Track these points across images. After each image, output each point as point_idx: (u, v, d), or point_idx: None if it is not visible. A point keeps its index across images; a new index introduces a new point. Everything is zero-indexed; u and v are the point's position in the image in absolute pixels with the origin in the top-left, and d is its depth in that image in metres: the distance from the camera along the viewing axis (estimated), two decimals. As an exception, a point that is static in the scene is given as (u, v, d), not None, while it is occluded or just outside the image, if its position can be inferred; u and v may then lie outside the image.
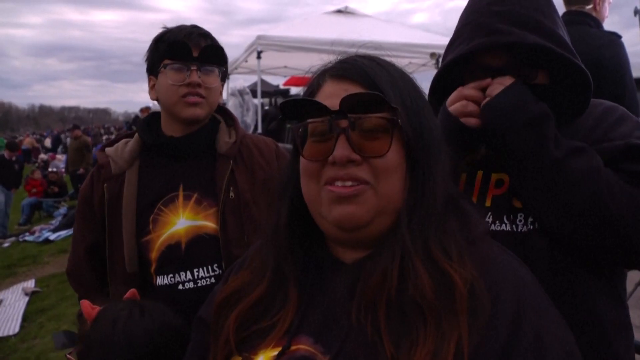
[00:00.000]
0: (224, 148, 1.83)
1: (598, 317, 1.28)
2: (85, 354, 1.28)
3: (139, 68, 1.99)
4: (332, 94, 0.98)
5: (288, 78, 15.85)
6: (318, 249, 1.07)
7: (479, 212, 1.08)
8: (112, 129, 42.13)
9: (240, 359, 1.00)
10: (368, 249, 0.99)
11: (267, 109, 11.98)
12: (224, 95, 11.37)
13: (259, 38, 9.04)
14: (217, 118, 1.91)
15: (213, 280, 1.72)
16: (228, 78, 11.73)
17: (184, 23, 1.83)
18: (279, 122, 11.17)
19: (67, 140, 18.27)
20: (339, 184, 0.95)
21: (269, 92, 14.80)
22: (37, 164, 22.07)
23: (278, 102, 11.68)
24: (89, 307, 1.32)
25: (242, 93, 10.73)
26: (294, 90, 13.73)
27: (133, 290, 1.44)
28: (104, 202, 1.77)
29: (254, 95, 11.01)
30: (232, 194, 1.76)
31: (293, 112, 1.02)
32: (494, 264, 0.96)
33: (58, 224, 11.91)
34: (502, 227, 1.33)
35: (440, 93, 1.45)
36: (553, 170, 1.22)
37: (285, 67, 12.63)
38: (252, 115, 10.72)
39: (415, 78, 1.07)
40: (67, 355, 1.43)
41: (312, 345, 0.95)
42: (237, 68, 11.33)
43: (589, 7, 3.48)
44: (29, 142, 34.65)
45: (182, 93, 1.73)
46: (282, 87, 17.60)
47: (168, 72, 1.74)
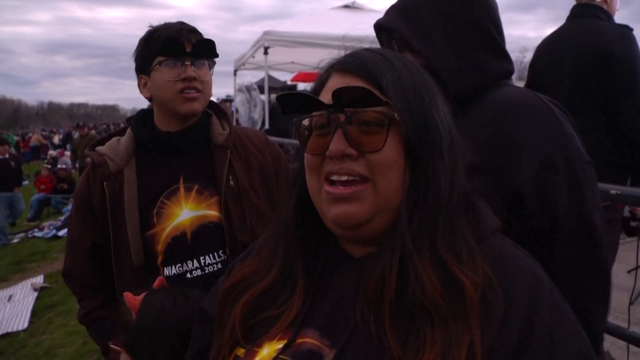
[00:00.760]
0: (220, 139, 1.88)
1: None
2: (134, 342, 1.37)
3: None
4: (333, 88, 0.97)
5: (296, 74, 15.82)
6: (328, 243, 1.06)
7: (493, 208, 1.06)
8: (121, 125, 42.68)
9: (244, 351, 0.99)
10: (376, 244, 0.98)
11: (274, 105, 11.97)
12: (231, 92, 11.36)
13: (266, 34, 9.01)
14: (208, 112, 1.95)
15: (220, 266, 1.80)
16: (235, 74, 11.81)
17: (192, 19, 1.89)
18: (285, 117, 11.14)
19: (76, 135, 18.27)
20: (335, 178, 0.94)
21: (276, 88, 14.75)
22: (46, 161, 22.17)
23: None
24: (132, 298, 1.40)
25: (249, 89, 10.71)
26: (302, 86, 13.70)
27: (161, 279, 1.54)
28: (105, 200, 1.79)
29: (262, 91, 11.00)
30: (232, 183, 1.83)
31: (293, 106, 1.01)
32: (506, 261, 0.94)
33: (65, 220, 11.95)
34: None
35: None
36: None
37: (293, 62, 12.60)
38: (259, 112, 10.70)
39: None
40: (110, 345, 1.52)
41: (318, 339, 0.94)
42: (244, 64, 11.31)
43: None
44: (37, 139, 34.87)
45: (179, 88, 1.76)
46: (289, 82, 17.59)
47: (163, 68, 1.76)
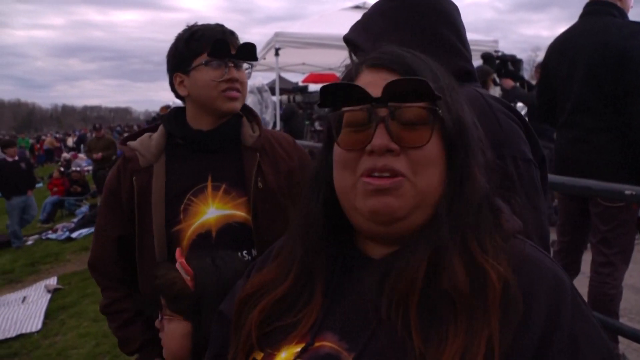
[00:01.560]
0: (250, 141, 1.90)
1: None
2: (196, 306, 1.50)
3: (159, 67, 2.03)
4: (370, 83, 0.95)
5: (307, 75, 15.84)
6: (346, 245, 1.04)
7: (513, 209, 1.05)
8: (135, 127, 43.74)
9: (262, 355, 0.98)
10: (397, 245, 0.96)
11: (284, 107, 12.01)
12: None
13: (277, 35, 9.04)
14: (239, 113, 1.96)
15: None
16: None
17: (205, 22, 1.88)
18: (297, 119, 11.15)
19: (92, 135, 18.41)
20: (377, 175, 0.91)
21: (287, 89, 14.78)
22: (59, 163, 22.36)
23: (297, 99, 11.64)
24: (186, 265, 1.56)
25: (260, 90, 10.74)
26: (313, 87, 13.72)
27: (179, 250, 1.65)
28: (133, 194, 1.82)
29: (273, 93, 11.01)
30: (260, 184, 1.83)
31: (331, 99, 0.98)
32: (529, 263, 0.92)
33: (78, 222, 12.05)
34: None
35: None
36: None
37: (304, 64, 12.62)
38: (270, 113, 10.73)
39: None
40: (158, 323, 1.61)
41: (336, 342, 0.92)
42: (255, 65, 11.33)
43: None
44: (50, 142, 35.26)
45: (222, 88, 1.81)
46: (300, 84, 17.61)
47: (207, 68, 1.80)
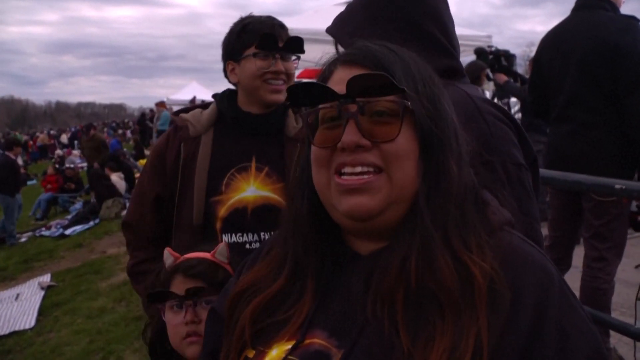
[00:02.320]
0: (293, 132, 2.01)
1: None
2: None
3: (154, 63, 2.16)
4: (341, 80, 0.95)
5: (301, 70, 15.80)
6: (335, 241, 1.04)
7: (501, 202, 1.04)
8: (130, 123, 44.84)
9: (254, 353, 0.99)
10: (385, 240, 0.96)
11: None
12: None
13: (271, 30, 8.99)
14: (285, 104, 2.06)
15: None
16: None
17: (200, 17, 2.08)
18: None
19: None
20: (348, 170, 0.92)
21: (282, 85, 14.76)
22: (53, 160, 22.29)
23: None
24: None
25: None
26: (307, 83, 13.69)
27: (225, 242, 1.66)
28: (179, 159, 1.97)
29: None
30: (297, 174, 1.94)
31: (302, 98, 0.99)
32: (515, 255, 0.92)
33: (72, 219, 12.01)
34: None
35: None
36: None
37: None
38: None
39: None
40: (194, 314, 1.48)
41: (326, 339, 0.93)
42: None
43: None
44: (43, 138, 35.20)
45: (267, 78, 1.93)
46: (295, 79, 17.58)
47: (255, 59, 1.93)
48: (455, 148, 0.97)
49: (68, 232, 11.27)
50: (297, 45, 1.97)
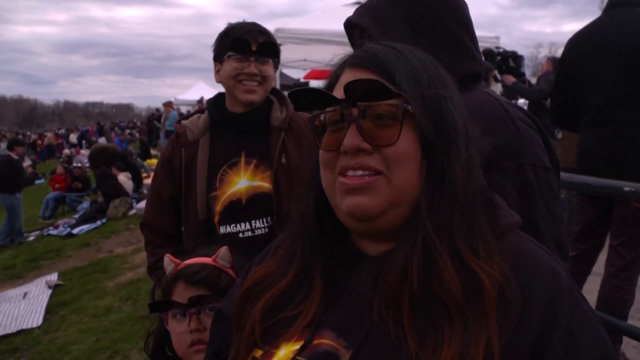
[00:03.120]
0: (277, 122, 2.19)
1: None
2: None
3: (162, 63, 2.27)
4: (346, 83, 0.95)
5: (308, 71, 15.81)
6: (343, 241, 1.05)
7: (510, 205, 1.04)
8: (138, 123, 45.52)
9: (261, 353, 0.99)
10: (391, 241, 0.96)
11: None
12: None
13: (278, 31, 9.00)
14: (270, 98, 2.27)
15: (267, 230, 2.11)
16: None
17: (208, 17, 2.26)
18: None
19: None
20: (351, 174, 0.93)
21: (288, 85, 14.76)
22: (61, 159, 22.39)
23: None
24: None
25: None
26: (314, 84, 13.72)
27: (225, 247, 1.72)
28: (182, 163, 2.16)
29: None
30: (283, 160, 2.12)
31: (307, 102, 1.00)
32: (525, 258, 0.92)
33: (80, 218, 12.06)
34: None
35: None
36: None
37: (305, 60, 12.58)
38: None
39: None
40: (198, 321, 1.47)
41: (334, 340, 0.93)
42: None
43: None
44: (50, 138, 35.42)
45: (240, 79, 2.10)
46: (302, 80, 17.57)
47: (230, 61, 2.11)
48: (463, 152, 0.95)
49: (75, 231, 11.30)
50: (269, 50, 2.14)
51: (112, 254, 9.06)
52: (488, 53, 5.73)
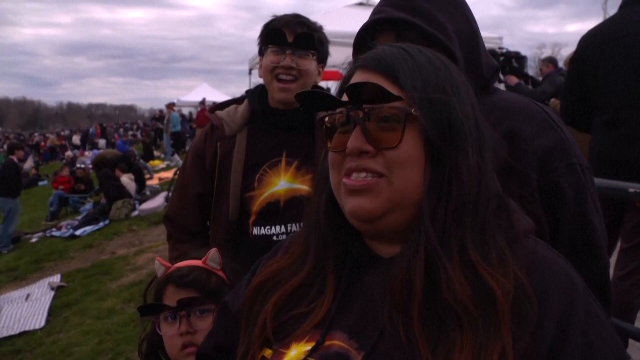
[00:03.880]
0: None
1: None
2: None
3: (166, 65, 2.21)
4: None
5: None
6: (356, 242, 1.04)
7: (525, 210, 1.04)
8: (141, 124, 46.22)
9: (271, 353, 0.98)
10: (401, 243, 0.95)
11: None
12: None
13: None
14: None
15: None
16: (250, 73, 11.82)
17: (211, 19, 2.20)
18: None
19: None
20: (354, 176, 0.93)
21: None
22: (64, 161, 22.44)
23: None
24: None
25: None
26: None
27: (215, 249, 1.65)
28: (217, 158, 2.06)
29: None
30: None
31: (315, 104, 1.00)
32: (540, 264, 0.90)
33: (82, 220, 12.07)
34: None
35: None
36: None
37: (308, 61, 12.54)
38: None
39: None
40: (188, 325, 1.47)
41: (346, 341, 0.92)
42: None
43: None
44: (52, 140, 35.58)
45: (276, 73, 2.00)
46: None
47: (268, 54, 2.02)
48: (474, 156, 0.93)
49: (78, 232, 11.32)
50: (307, 42, 2.01)
51: (114, 256, 9.07)
52: (491, 53, 5.71)
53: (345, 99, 0.96)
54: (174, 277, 1.51)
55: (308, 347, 0.94)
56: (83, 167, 16.17)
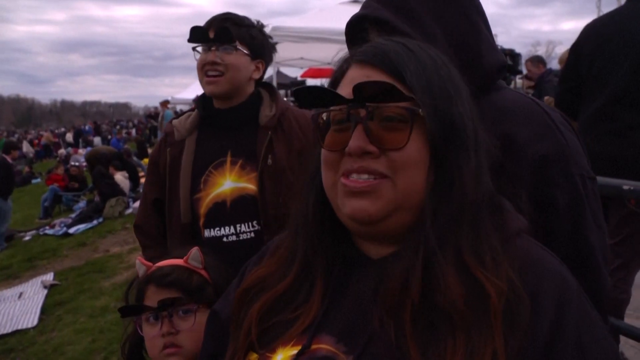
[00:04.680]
0: (264, 121, 2.07)
1: None
2: (218, 287, 1.49)
3: (161, 62, 2.19)
4: (353, 80, 0.92)
5: (306, 70, 15.79)
6: (345, 243, 1.02)
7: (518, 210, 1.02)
8: (135, 122, 45.96)
9: (257, 357, 0.96)
10: (394, 244, 0.94)
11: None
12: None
13: (274, 29, 8.98)
14: (261, 93, 2.17)
15: (253, 235, 1.98)
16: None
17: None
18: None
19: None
20: (355, 177, 0.90)
21: (285, 84, 14.76)
22: (58, 159, 22.33)
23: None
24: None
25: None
26: (311, 82, 13.71)
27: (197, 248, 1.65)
28: (167, 163, 2.08)
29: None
30: (270, 161, 1.99)
31: (311, 99, 0.97)
32: (533, 264, 0.89)
33: (76, 218, 12.02)
34: None
35: None
36: None
37: (302, 58, 12.59)
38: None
39: None
40: (170, 325, 1.46)
41: (333, 345, 0.90)
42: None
43: None
44: (47, 137, 35.42)
45: (205, 69, 2.02)
46: (299, 78, 17.56)
47: (197, 53, 2.05)
48: (473, 158, 0.92)
49: (72, 230, 11.26)
50: (224, 36, 2.01)
51: (108, 254, 9.04)
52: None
53: (345, 95, 0.92)
54: (155, 276, 1.49)
55: (294, 351, 0.92)
56: (77, 165, 16.09)
